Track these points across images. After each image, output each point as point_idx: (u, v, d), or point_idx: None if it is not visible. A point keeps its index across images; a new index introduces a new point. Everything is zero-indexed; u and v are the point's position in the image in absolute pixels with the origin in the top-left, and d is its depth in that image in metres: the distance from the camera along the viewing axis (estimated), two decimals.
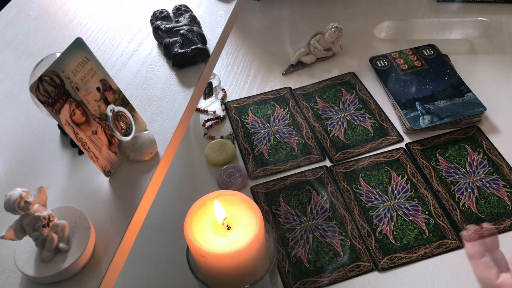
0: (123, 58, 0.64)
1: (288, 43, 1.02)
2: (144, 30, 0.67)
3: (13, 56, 0.67)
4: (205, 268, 0.52)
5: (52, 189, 0.50)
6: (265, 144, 0.83)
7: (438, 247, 0.66)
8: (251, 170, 0.79)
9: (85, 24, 0.71)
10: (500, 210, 0.69)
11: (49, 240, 0.42)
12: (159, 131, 0.54)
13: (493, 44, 0.96)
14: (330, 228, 0.70)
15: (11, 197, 0.39)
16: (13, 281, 0.43)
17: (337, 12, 1.09)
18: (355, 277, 0.64)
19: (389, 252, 0.66)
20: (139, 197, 0.48)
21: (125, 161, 0.51)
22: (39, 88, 0.42)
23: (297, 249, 0.68)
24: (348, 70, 0.95)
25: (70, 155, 0.53)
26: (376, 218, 0.70)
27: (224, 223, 0.52)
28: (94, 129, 0.48)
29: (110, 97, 0.50)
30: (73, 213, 0.45)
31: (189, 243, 0.51)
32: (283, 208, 0.73)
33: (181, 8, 0.66)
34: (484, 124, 0.81)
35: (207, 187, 0.77)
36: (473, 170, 0.74)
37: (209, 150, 0.80)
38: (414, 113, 0.81)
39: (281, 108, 0.89)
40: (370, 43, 1.00)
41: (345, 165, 0.78)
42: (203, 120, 0.88)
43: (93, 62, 0.48)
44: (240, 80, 0.96)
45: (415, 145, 0.79)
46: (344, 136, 0.82)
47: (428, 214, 0.69)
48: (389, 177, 0.75)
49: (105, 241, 0.45)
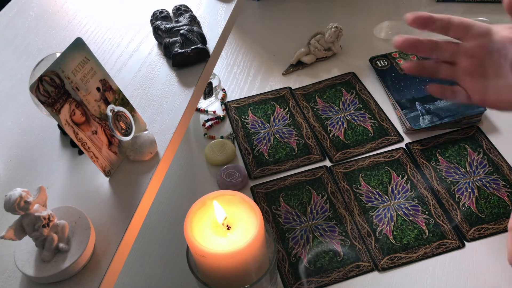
0: (123, 58, 0.64)
1: (288, 43, 1.02)
2: (144, 30, 0.68)
3: (13, 56, 0.67)
4: (205, 268, 0.52)
5: (52, 189, 0.50)
6: (265, 144, 0.83)
7: (438, 247, 0.66)
8: (251, 170, 0.79)
9: (85, 24, 0.71)
10: (500, 210, 0.69)
11: (49, 240, 0.42)
12: (159, 131, 0.54)
13: None
14: (330, 228, 0.70)
15: (11, 197, 0.39)
16: (13, 281, 0.43)
17: (337, 12, 1.09)
18: (355, 277, 0.64)
19: (389, 252, 0.66)
20: (139, 197, 0.48)
21: (125, 161, 0.51)
22: (39, 88, 0.42)
23: (297, 249, 0.68)
24: (348, 70, 0.95)
25: (70, 155, 0.53)
26: (376, 218, 0.70)
27: (224, 223, 0.52)
28: (94, 129, 0.48)
29: (110, 97, 0.50)
30: (73, 213, 0.45)
31: (189, 243, 0.51)
32: (283, 208, 0.73)
33: (181, 8, 0.66)
34: (484, 124, 0.81)
35: (207, 187, 0.77)
36: (473, 170, 0.74)
37: (209, 150, 0.80)
38: (414, 113, 0.81)
39: (281, 108, 0.89)
40: (370, 43, 1.00)
41: (345, 165, 0.78)
42: (203, 120, 0.88)
43: (93, 62, 0.48)
44: (240, 80, 0.96)
45: (415, 145, 0.79)
46: (344, 136, 0.82)
47: (428, 214, 0.69)
48: (389, 177, 0.75)
49: (105, 241, 0.45)
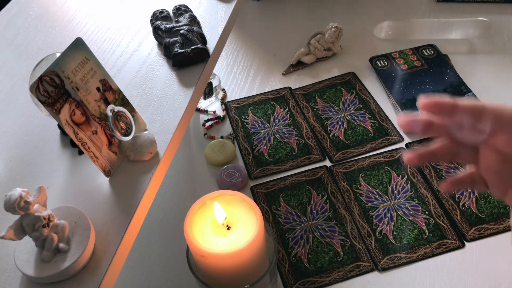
0: (123, 58, 0.64)
1: (288, 43, 1.02)
2: (144, 30, 0.67)
3: (13, 56, 0.67)
4: (205, 268, 0.52)
5: (52, 189, 0.50)
6: (265, 144, 0.83)
7: (438, 247, 0.66)
8: (251, 170, 0.79)
9: (85, 24, 0.71)
10: (500, 210, 0.69)
11: (49, 240, 0.42)
12: (159, 131, 0.54)
13: (493, 44, 0.96)
14: (330, 228, 0.70)
15: (11, 197, 0.39)
16: (13, 281, 0.43)
17: (337, 12, 1.09)
18: (355, 277, 0.64)
19: (389, 252, 0.66)
20: (139, 197, 0.48)
21: (125, 161, 0.51)
22: (39, 88, 0.42)
23: (297, 249, 0.68)
24: (348, 70, 0.95)
25: (70, 155, 0.53)
26: (376, 218, 0.70)
27: (224, 223, 0.52)
28: (94, 129, 0.48)
29: (110, 97, 0.50)
30: (73, 213, 0.45)
31: (189, 243, 0.51)
32: (283, 208, 0.73)
33: (181, 8, 0.66)
34: None
35: (207, 187, 0.77)
36: None
37: (209, 150, 0.80)
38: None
39: (281, 108, 0.89)
40: (370, 43, 1.00)
41: (345, 165, 0.78)
42: (203, 120, 0.88)
43: (93, 62, 0.48)
44: (240, 80, 0.96)
45: (415, 145, 0.79)
46: (344, 136, 0.82)
47: (428, 214, 0.69)
48: (389, 177, 0.75)
49: (105, 241, 0.45)
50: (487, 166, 0.41)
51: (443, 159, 0.45)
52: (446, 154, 0.42)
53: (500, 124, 0.39)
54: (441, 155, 0.42)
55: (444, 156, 0.43)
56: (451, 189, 0.45)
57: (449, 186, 0.44)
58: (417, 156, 0.42)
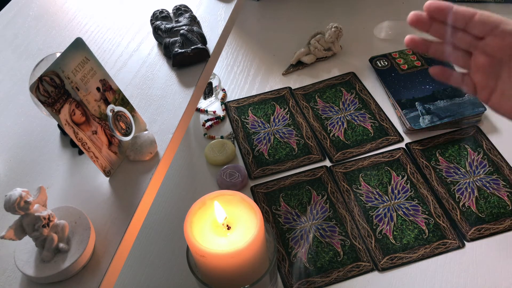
0: (123, 58, 0.64)
1: (288, 43, 1.02)
2: (144, 30, 0.67)
3: (13, 56, 0.67)
4: (205, 268, 0.52)
5: (52, 189, 0.50)
6: (265, 144, 0.83)
7: (438, 247, 0.66)
8: (251, 170, 0.79)
9: (85, 24, 0.71)
10: (500, 210, 0.69)
11: (49, 240, 0.42)
12: (159, 131, 0.54)
13: None
14: (330, 228, 0.70)
15: (11, 197, 0.39)
16: (13, 281, 0.43)
17: (337, 12, 1.09)
18: (355, 277, 0.64)
19: (389, 252, 0.66)
20: (139, 197, 0.48)
21: (125, 161, 0.51)
22: (39, 88, 0.42)
23: (297, 249, 0.68)
24: (348, 70, 0.95)
25: (70, 155, 0.53)
26: (376, 218, 0.70)
27: (224, 223, 0.52)
28: (94, 129, 0.48)
29: (110, 97, 0.50)
30: (73, 213, 0.45)
31: (189, 243, 0.51)
32: (283, 208, 0.73)
33: (181, 8, 0.66)
34: (484, 124, 0.81)
35: (207, 187, 0.77)
36: (473, 170, 0.74)
37: (209, 150, 0.80)
38: (414, 113, 0.81)
39: (281, 108, 0.89)
40: (370, 43, 1.00)
41: (345, 165, 0.78)
42: (203, 120, 0.88)
43: (93, 62, 0.48)
44: (240, 80, 0.96)
45: (415, 145, 0.79)
46: (344, 136, 0.82)
47: (428, 214, 0.69)
48: (389, 177, 0.75)
49: (105, 241, 0.45)
50: (478, 67, 0.46)
51: (437, 55, 0.48)
52: (441, 52, 0.48)
53: (489, 27, 0.44)
54: (436, 50, 0.48)
55: (439, 52, 0.48)
56: (439, 74, 0.49)
57: (438, 70, 0.49)
58: (415, 40, 0.48)
